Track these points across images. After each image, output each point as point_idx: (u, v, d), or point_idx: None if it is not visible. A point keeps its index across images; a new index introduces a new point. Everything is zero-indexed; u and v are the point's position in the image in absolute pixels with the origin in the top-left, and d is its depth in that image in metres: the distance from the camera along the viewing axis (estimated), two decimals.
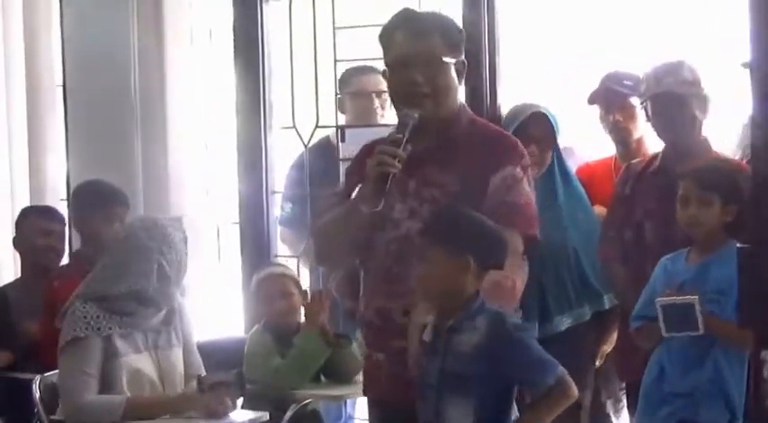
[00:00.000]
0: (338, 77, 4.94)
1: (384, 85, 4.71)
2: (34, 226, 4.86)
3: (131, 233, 4.05)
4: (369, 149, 3.35)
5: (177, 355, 4.07)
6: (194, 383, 4.00)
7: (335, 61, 4.88)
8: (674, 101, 3.91)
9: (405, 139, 3.19)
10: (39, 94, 5.26)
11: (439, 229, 3.10)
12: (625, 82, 4.30)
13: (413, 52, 3.25)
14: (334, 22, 4.82)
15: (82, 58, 5.09)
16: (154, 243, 3.97)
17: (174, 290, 4.03)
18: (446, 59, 3.25)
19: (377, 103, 4.84)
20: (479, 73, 4.41)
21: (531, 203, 3.31)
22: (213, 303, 5.10)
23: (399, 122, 3.25)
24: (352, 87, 4.91)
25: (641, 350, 3.75)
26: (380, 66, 3.54)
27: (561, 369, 3.08)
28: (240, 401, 4.20)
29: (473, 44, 4.28)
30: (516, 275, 3.23)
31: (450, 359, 3.10)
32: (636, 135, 4.33)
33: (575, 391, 3.11)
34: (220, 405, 3.87)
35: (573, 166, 4.38)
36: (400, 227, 3.28)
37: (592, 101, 4.44)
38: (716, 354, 3.60)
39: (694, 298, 3.52)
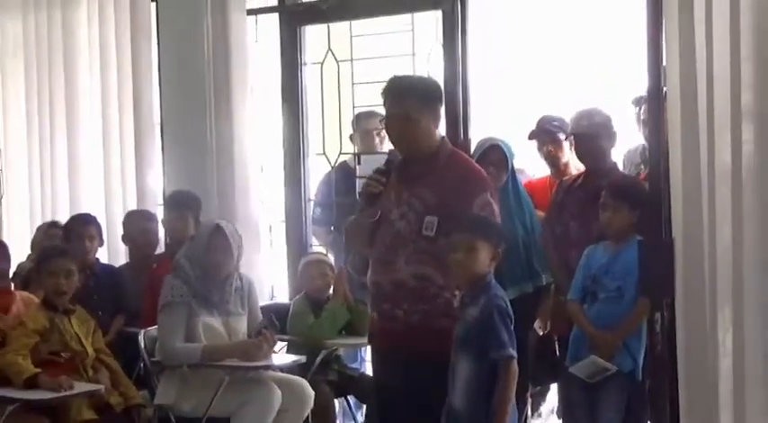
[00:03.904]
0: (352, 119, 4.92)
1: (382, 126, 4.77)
2: (135, 227, 4.85)
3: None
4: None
5: (242, 320, 4.05)
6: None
7: (354, 107, 4.88)
8: (589, 137, 3.93)
9: (388, 171, 3.31)
10: (143, 129, 5.24)
11: (464, 225, 3.12)
12: (553, 123, 4.30)
13: (393, 113, 3.30)
14: (353, 80, 4.83)
15: (174, 104, 5.08)
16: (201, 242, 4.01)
17: (225, 276, 3.98)
18: (416, 116, 3.25)
19: (377, 139, 4.81)
20: (456, 116, 4.39)
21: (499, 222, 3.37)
22: (266, 278, 5.07)
23: (387, 160, 3.36)
24: (360, 128, 4.89)
25: (567, 314, 3.77)
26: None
27: (506, 352, 2.99)
28: (285, 348, 4.29)
29: (452, 97, 4.33)
30: None
31: (461, 325, 3.11)
32: (563, 160, 4.33)
33: (513, 371, 3.02)
34: (265, 343, 3.92)
35: (523, 181, 4.36)
36: (394, 225, 3.31)
37: (531, 137, 4.45)
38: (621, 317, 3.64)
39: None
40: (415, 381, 3.20)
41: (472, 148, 4.26)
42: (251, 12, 5.00)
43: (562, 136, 4.21)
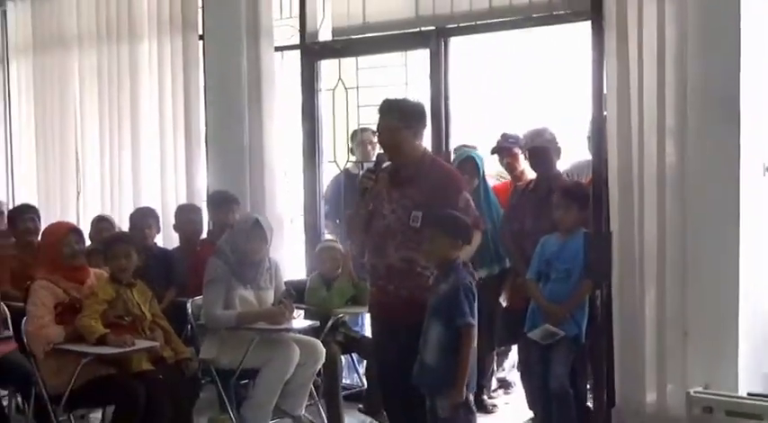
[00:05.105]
0: (350, 134, 4.92)
1: (375, 138, 4.75)
2: (184, 218, 4.83)
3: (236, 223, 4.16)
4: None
5: (270, 293, 4.07)
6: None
7: (359, 125, 4.85)
8: (541, 150, 3.95)
9: (377, 170, 3.34)
10: (191, 140, 5.20)
11: (433, 222, 3.16)
12: (510, 140, 4.29)
13: (384, 124, 3.35)
14: (358, 103, 4.79)
15: (216, 121, 5.07)
16: (242, 232, 4.01)
17: (259, 259, 3.99)
18: (402, 126, 3.29)
19: (369, 148, 4.80)
20: (440, 132, 4.40)
21: (476, 212, 3.40)
22: (288, 259, 5.01)
23: (376, 161, 3.41)
24: (356, 140, 4.88)
25: (525, 291, 3.82)
26: None
27: (467, 321, 3.00)
28: (302, 315, 4.29)
29: (436, 117, 4.32)
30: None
31: (434, 298, 3.17)
32: (520, 169, 4.31)
33: (472, 336, 3.03)
34: (286, 310, 3.95)
35: (491, 185, 4.40)
36: (386, 219, 3.35)
37: (493, 152, 4.43)
38: (569, 293, 3.68)
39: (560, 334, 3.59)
40: (405, 344, 3.25)
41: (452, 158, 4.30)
42: (278, 48, 4.98)
43: (518, 150, 4.23)
